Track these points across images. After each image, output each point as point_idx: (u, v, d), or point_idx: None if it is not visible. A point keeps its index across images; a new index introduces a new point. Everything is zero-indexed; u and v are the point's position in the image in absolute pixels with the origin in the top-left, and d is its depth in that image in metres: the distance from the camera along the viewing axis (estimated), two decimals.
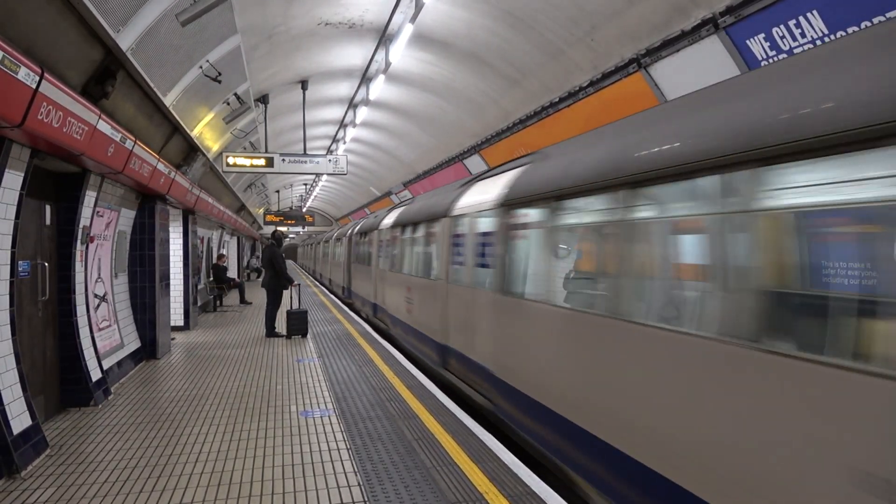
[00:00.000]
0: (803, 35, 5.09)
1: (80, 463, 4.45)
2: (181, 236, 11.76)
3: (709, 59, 6.14)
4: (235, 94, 9.27)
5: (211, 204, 13.11)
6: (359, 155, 21.48)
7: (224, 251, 19.08)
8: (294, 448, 4.73)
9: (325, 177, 28.35)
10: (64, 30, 4.59)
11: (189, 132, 8.88)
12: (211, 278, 16.17)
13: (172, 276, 9.92)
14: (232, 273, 19.72)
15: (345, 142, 18.71)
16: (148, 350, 8.36)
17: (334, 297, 20.05)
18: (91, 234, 6.40)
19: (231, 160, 11.74)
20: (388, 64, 10.40)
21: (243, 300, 17.14)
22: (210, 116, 9.43)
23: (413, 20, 8.53)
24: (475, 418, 6.05)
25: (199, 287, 13.92)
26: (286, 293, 10.88)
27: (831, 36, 4.86)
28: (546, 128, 9.91)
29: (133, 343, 7.98)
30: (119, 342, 7.45)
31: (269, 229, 24.98)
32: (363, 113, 14.48)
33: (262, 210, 30.54)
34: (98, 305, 6.85)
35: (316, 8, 9.00)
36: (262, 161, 12.16)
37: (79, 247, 5.98)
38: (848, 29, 4.69)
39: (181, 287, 11.19)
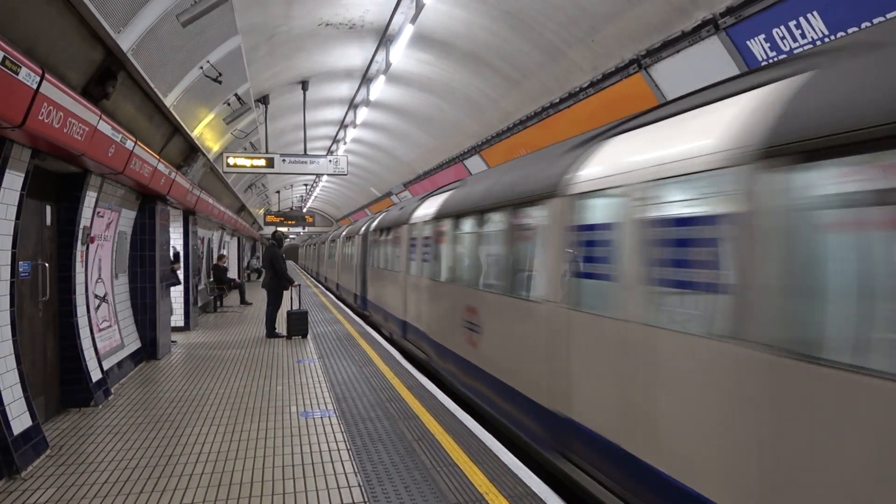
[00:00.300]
0: (803, 36, 5.09)
1: (81, 463, 4.45)
2: (182, 237, 11.77)
3: (709, 60, 6.15)
4: (236, 95, 9.28)
5: (211, 204, 13.12)
6: (359, 155, 21.49)
7: (224, 252, 19.08)
8: (294, 449, 4.74)
9: (326, 177, 28.36)
10: (65, 30, 4.60)
11: (189, 133, 8.88)
12: (211, 279, 16.17)
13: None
14: (232, 274, 19.71)
15: (345, 142, 18.72)
16: (148, 350, 8.37)
17: (336, 300, 18.70)
18: (91, 235, 6.40)
19: (231, 161, 11.75)
20: (389, 64, 10.41)
21: (244, 301, 17.14)
22: (210, 117, 9.43)
23: (413, 21, 8.54)
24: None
25: (200, 288, 13.91)
26: (286, 294, 10.89)
27: (831, 36, 4.85)
28: (546, 128, 9.91)
29: (133, 344, 7.98)
30: (119, 343, 7.45)
31: (270, 230, 24.99)
32: (363, 113, 14.49)
33: (263, 210, 30.55)
34: (98, 306, 6.86)
35: (316, 9, 9.01)
36: (263, 161, 12.17)
37: (79, 247, 5.98)
38: (848, 29, 4.68)
39: (181, 287, 11.19)
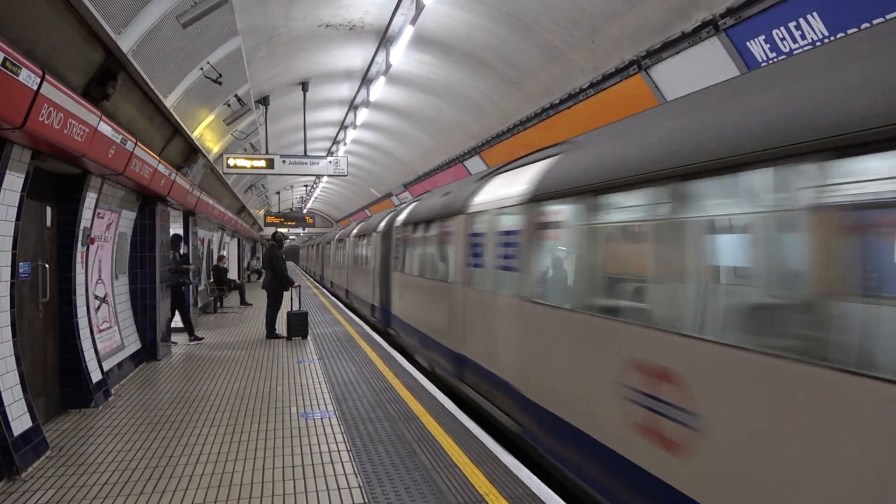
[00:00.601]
0: (803, 37, 5.09)
1: (81, 465, 4.45)
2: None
3: (709, 61, 6.14)
4: (236, 96, 9.28)
5: (211, 205, 13.12)
6: (359, 156, 21.50)
7: (224, 252, 19.06)
8: (294, 450, 4.73)
9: (326, 178, 28.38)
10: (65, 32, 4.60)
11: (190, 134, 8.88)
12: (211, 279, 16.17)
13: None
14: (232, 274, 19.70)
15: (345, 143, 18.73)
16: (148, 351, 8.36)
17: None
18: (92, 236, 6.40)
19: (231, 161, 11.75)
20: (389, 65, 10.42)
21: (244, 301, 17.14)
22: (211, 118, 9.44)
23: (413, 22, 8.54)
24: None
25: (200, 288, 13.90)
26: (286, 295, 10.89)
27: (831, 37, 4.86)
28: (546, 129, 9.91)
29: (133, 344, 7.98)
30: (119, 343, 7.45)
31: (270, 231, 24.96)
32: (364, 114, 14.50)
33: (263, 211, 30.54)
34: (98, 307, 6.86)
35: (317, 10, 9.02)
36: (263, 162, 12.17)
37: (79, 248, 5.98)
38: (848, 30, 4.69)
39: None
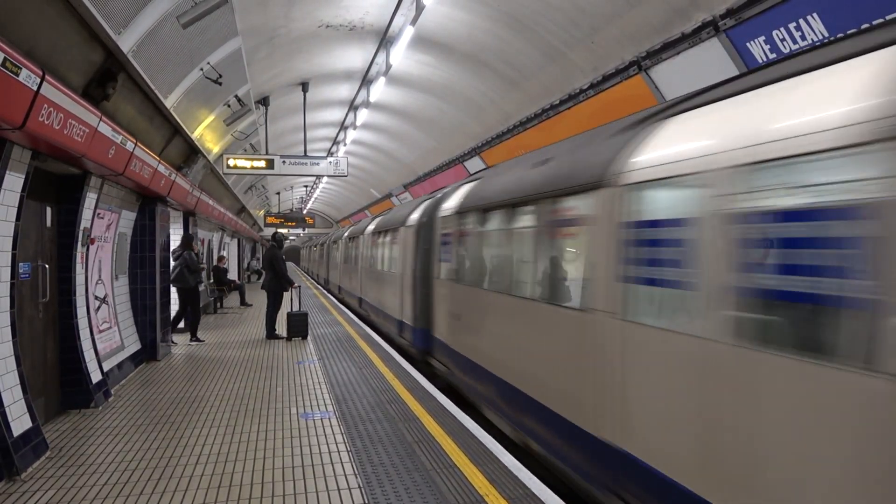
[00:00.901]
0: (804, 38, 5.09)
1: (81, 465, 4.45)
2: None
3: (709, 62, 6.15)
4: (236, 96, 9.28)
5: (211, 206, 13.11)
6: (359, 157, 21.50)
7: (224, 253, 19.05)
8: (294, 450, 4.73)
9: (326, 179, 28.38)
10: (65, 32, 4.60)
11: (190, 134, 8.88)
12: (211, 280, 16.16)
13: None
14: (232, 275, 19.69)
15: (345, 143, 18.73)
16: (148, 352, 8.36)
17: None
18: (92, 236, 6.40)
19: (231, 162, 11.76)
20: (389, 66, 10.42)
21: (244, 302, 17.13)
22: (211, 118, 9.44)
23: (413, 22, 8.54)
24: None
25: (201, 289, 13.88)
26: (286, 295, 10.89)
27: (831, 38, 4.86)
28: (546, 130, 9.91)
29: (133, 345, 7.97)
30: (119, 344, 7.45)
31: (270, 231, 24.95)
32: (364, 115, 14.50)
33: (263, 212, 30.55)
34: (98, 307, 6.85)
35: (317, 10, 9.02)
36: (263, 163, 12.18)
37: (79, 249, 5.98)
38: (847, 31, 4.69)
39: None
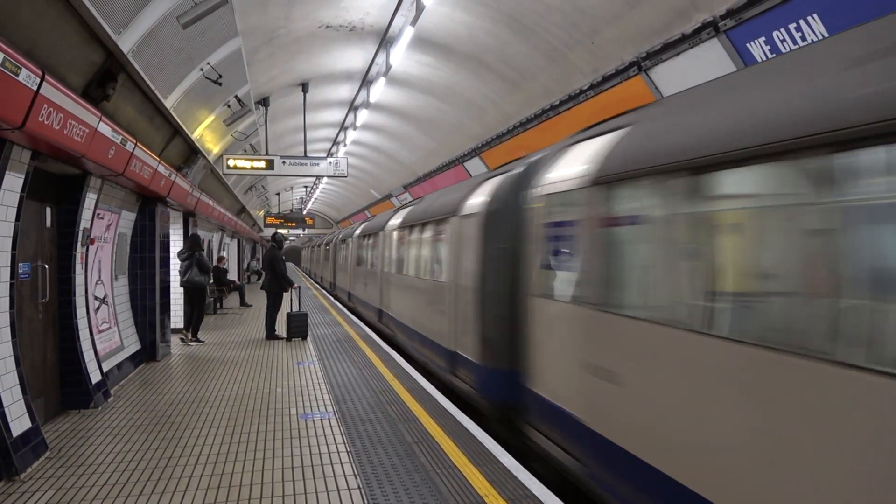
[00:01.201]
0: (804, 38, 5.09)
1: (80, 465, 4.44)
2: (182, 238, 11.76)
3: (709, 63, 6.14)
4: (236, 97, 9.28)
5: (211, 206, 13.11)
6: (359, 157, 21.50)
7: (224, 253, 19.06)
8: (294, 451, 4.73)
9: (326, 179, 28.38)
10: (65, 32, 4.60)
11: (190, 134, 8.89)
12: (211, 280, 16.16)
13: (172, 279, 9.91)
14: (232, 275, 19.70)
15: (345, 144, 18.73)
16: (148, 352, 8.35)
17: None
18: (91, 237, 6.39)
19: (231, 162, 11.75)
20: (389, 67, 10.42)
21: (243, 302, 17.14)
22: (211, 119, 9.44)
23: (414, 23, 8.54)
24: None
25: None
26: (286, 295, 10.89)
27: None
28: (546, 130, 9.91)
29: (133, 345, 7.97)
30: (119, 344, 7.44)
31: (270, 231, 24.95)
32: (364, 115, 14.50)
33: (263, 212, 30.56)
34: (98, 307, 6.85)
35: (317, 11, 9.02)
36: (263, 163, 12.17)
37: (79, 249, 5.98)
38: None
39: (181, 289, 11.16)
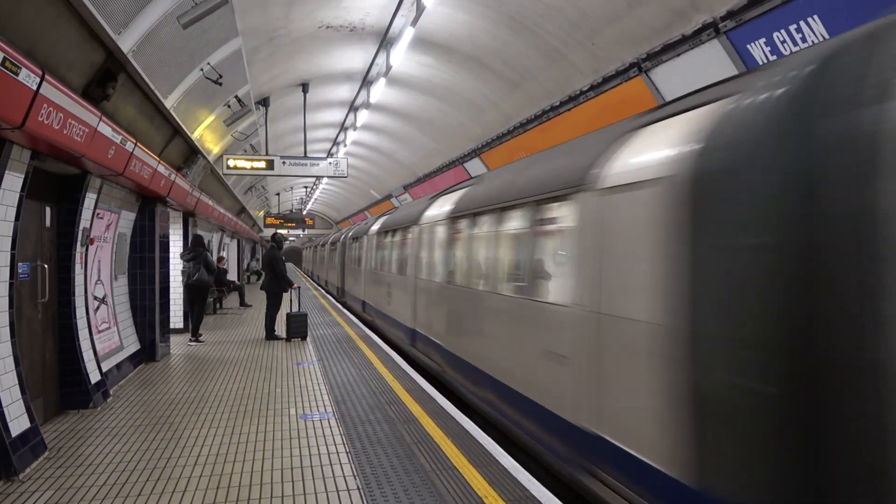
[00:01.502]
0: (804, 40, 5.09)
1: (79, 466, 4.44)
2: (181, 238, 11.76)
3: (710, 64, 6.15)
4: (236, 97, 9.28)
5: (211, 206, 13.11)
6: (359, 158, 21.50)
7: (224, 253, 19.06)
8: (293, 451, 4.72)
9: (326, 180, 28.37)
10: (65, 32, 4.60)
11: (190, 134, 8.88)
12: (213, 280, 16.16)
13: (172, 279, 9.91)
14: (232, 275, 19.69)
15: (345, 144, 18.73)
16: (147, 352, 8.35)
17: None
18: (91, 237, 6.39)
19: (231, 162, 11.75)
20: (389, 67, 10.42)
21: (243, 303, 17.13)
22: (211, 119, 9.44)
23: (414, 24, 8.54)
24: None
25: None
26: (286, 296, 10.88)
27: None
28: (546, 131, 9.91)
29: (132, 345, 7.96)
30: (118, 344, 7.44)
31: (270, 232, 24.94)
32: (364, 116, 14.50)
33: (263, 213, 30.54)
34: (98, 307, 6.84)
35: (317, 11, 9.02)
36: (263, 164, 12.16)
37: (79, 249, 5.97)
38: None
39: (181, 289, 11.17)
